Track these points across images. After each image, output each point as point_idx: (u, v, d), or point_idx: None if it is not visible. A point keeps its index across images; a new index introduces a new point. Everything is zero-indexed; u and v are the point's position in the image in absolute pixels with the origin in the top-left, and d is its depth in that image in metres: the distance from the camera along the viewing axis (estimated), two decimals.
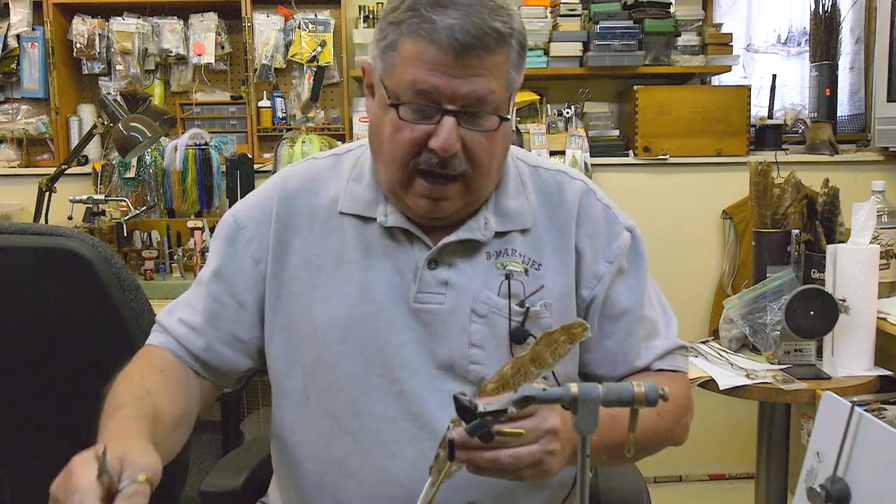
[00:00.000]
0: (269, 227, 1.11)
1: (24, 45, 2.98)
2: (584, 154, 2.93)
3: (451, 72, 0.94)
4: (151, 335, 1.14)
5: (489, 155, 1.01)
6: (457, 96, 0.95)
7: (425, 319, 1.06)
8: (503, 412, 0.79)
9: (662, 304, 1.19)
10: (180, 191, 2.82)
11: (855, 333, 1.86)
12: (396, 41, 0.96)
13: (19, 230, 1.39)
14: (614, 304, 1.12)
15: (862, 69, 3.13)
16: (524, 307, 1.07)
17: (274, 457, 1.20)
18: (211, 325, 1.10)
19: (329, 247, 1.10)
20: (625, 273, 1.13)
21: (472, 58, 0.93)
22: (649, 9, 2.93)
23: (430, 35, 0.93)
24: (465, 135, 0.97)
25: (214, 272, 1.12)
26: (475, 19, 0.93)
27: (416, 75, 0.95)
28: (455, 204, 1.03)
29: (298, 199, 1.12)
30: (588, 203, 1.13)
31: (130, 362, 1.08)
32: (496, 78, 0.96)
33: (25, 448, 1.51)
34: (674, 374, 1.16)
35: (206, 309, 1.11)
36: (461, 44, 0.92)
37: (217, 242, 1.15)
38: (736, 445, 3.06)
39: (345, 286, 1.07)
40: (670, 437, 1.11)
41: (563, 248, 1.10)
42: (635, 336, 1.13)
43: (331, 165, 1.16)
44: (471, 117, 0.97)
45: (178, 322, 1.11)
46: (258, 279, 1.11)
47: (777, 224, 2.08)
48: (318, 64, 3.01)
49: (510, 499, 1.07)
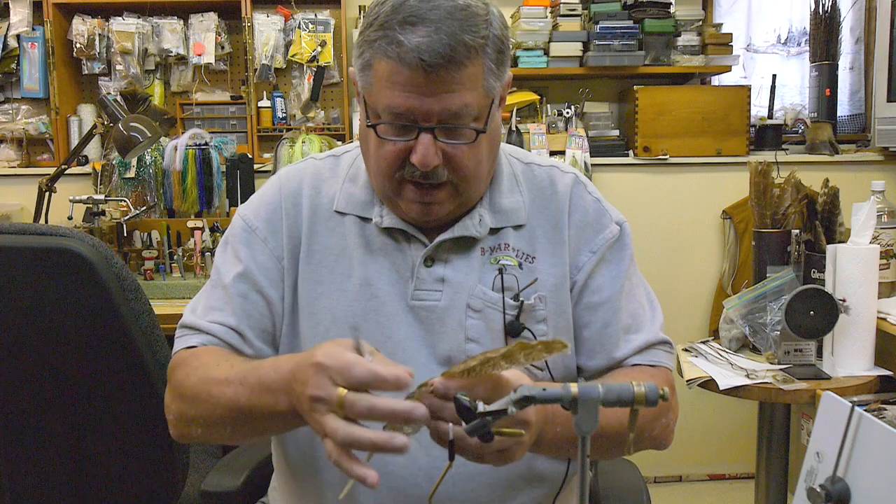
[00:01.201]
0: (281, 225, 1.12)
1: (24, 45, 2.98)
2: (584, 154, 2.93)
3: (423, 91, 0.95)
4: (183, 339, 1.10)
5: (473, 162, 1.02)
6: (431, 114, 0.96)
7: (423, 316, 1.07)
8: (503, 412, 0.79)
9: (651, 300, 1.18)
10: (180, 191, 2.82)
11: (855, 333, 1.86)
12: (371, 60, 0.98)
13: (19, 230, 1.39)
14: (593, 294, 1.12)
15: (862, 69, 3.13)
16: (518, 300, 1.08)
17: (275, 455, 1.20)
18: (243, 322, 1.09)
19: (331, 243, 1.11)
20: (606, 264, 1.13)
21: (443, 75, 0.94)
22: (649, 9, 2.93)
23: (398, 57, 0.94)
24: (445, 147, 0.99)
25: (237, 274, 1.11)
26: (443, 36, 0.93)
27: (390, 98, 0.96)
28: (446, 208, 1.05)
29: (302, 198, 1.14)
30: (578, 195, 1.15)
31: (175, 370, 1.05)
32: (471, 90, 0.97)
33: (25, 448, 1.51)
34: (653, 369, 1.13)
35: (236, 308, 1.10)
36: (429, 64, 0.93)
37: (232, 247, 1.14)
38: (736, 445, 3.06)
39: (347, 282, 1.09)
40: (648, 435, 1.07)
41: (556, 240, 1.11)
42: (613, 326, 1.12)
43: (330, 165, 1.17)
44: (448, 132, 0.99)
45: (212, 323, 1.10)
46: (280, 275, 1.12)
47: (777, 224, 2.08)
48: (318, 64, 3.01)
49: (508, 493, 1.08)
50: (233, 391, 0.93)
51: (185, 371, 1.03)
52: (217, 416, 0.96)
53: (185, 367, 1.04)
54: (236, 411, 0.93)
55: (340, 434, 0.78)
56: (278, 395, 0.87)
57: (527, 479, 1.09)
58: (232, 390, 0.93)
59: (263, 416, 0.91)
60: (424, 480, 1.04)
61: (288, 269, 1.12)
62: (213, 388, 0.96)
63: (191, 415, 1.00)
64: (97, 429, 1.50)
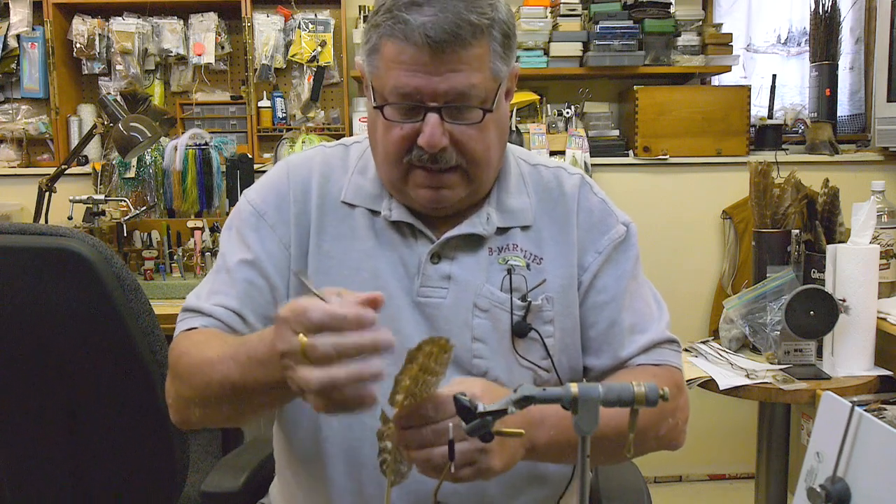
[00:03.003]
0: (289, 212, 1.11)
1: (24, 45, 2.97)
2: (584, 154, 2.93)
3: (429, 70, 0.95)
4: (185, 321, 1.08)
5: (482, 146, 1.02)
6: (437, 94, 0.96)
7: (428, 313, 1.07)
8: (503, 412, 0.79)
9: (657, 300, 1.18)
10: (180, 191, 2.82)
11: (855, 333, 1.86)
12: (378, 44, 0.98)
13: (19, 230, 1.39)
14: (598, 294, 1.12)
15: (862, 69, 3.13)
16: (526, 301, 1.08)
17: (278, 453, 1.20)
18: (247, 307, 1.08)
19: (340, 234, 1.10)
20: (611, 263, 1.13)
21: (449, 53, 0.95)
22: (649, 9, 2.93)
23: (404, 35, 0.95)
24: (453, 129, 0.99)
25: (243, 259, 1.10)
26: (449, 14, 0.94)
27: (397, 78, 0.97)
28: (457, 193, 1.04)
29: (312, 186, 1.13)
30: (585, 196, 1.15)
31: (173, 352, 1.04)
32: (477, 70, 0.97)
33: (25, 448, 1.51)
34: (658, 368, 1.12)
35: (239, 292, 1.08)
36: (435, 41, 0.93)
37: (240, 231, 1.12)
38: (736, 445, 3.05)
39: (355, 274, 1.08)
40: (653, 435, 1.06)
41: (564, 241, 1.12)
42: (618, 326, 1.12)
43: (340, 154, 1.17)
44: (455, 112, 0.98)
45: (215, 306, 1.08)
46: (287, 263, 1.11)
47: (777, 224, 2.08)
48: (318, 64, 3.01)
49: (512, 493, 1.08)
50: (225, 367, 0.91)
51: (181, 352, 1.01)
52: (213, 394, 0.94)
53: (181, 348, 1.02)
54: (230, 388, 0.91)
55: (314, 381, 0.73)
56: (268, 366, 0.84)
57: (530, 480, 1.09)
58: (224, 367, 0.91)
59: (257, 390, 0.88)
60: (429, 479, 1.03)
61: (295, 258, 1.10)
62: (206, 367, 0.94)
63: (187, 395, 0.99)
64: (97, 429, 1.50)
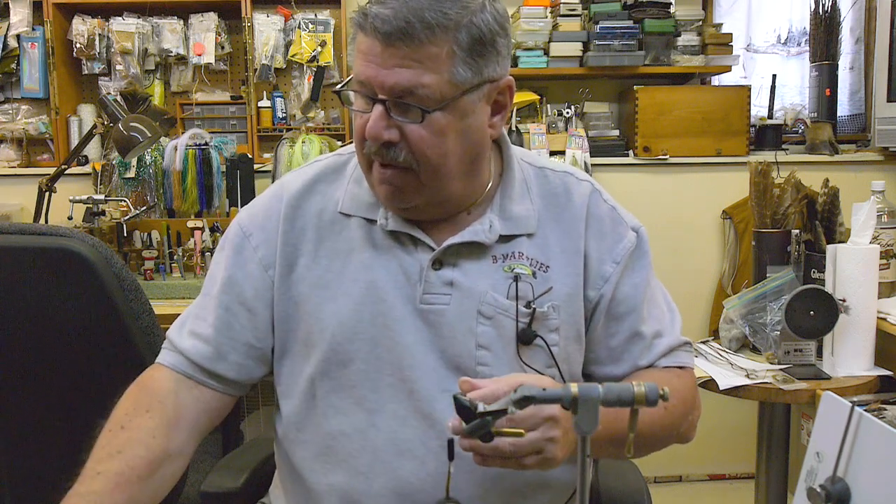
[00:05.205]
0: (277, 231, 1.12)
1: (24, 45, 2.97)
2: (584, 154, 2.93)
3: (379, 62, 0.96)
4: (161, 353, 1.14)
5: (436, 151, 0.99)
6: (384, 87, 0.97)
7: (432, 320, 1.06)
8: (503, 412, 0.79)
9: (668, 303, 1.20)
10: (180, 191, 2.82)
11: (855, 333, 1.86)
12: (354, 37, 1.00)
13: (19, 230, 1.39)
14: (619, 304, 1.12)
15: (862, 69, 3.13)
16: (530, 308, 1.07)
17: (278, 456, 1.20)
18: (222, 335, 1.10)
19: (336, 247, 1.10)
20: (629, 272, 1.14)
21: (399, 47, 0.94)
22: (649, 9, 2.93)
23: (361, 26, 0.97)
24: (403, 126, 0.98)
25: (224, 282, 1.12)
26: (405, 11, 0.94)
27: (357, 67, 0.99)
28: (412, 197, 1.03)
29: (305, 201, 1.13)
30: (595, 204, 1.14)
31: (125, 394, 1.09)
32: (432, 71, 0.95)
33: (25, 448, 1.51)
34: (679, 370, 1.16)
35: (216, 320, 1.11)
36: (383, 33, 0.94)
37: (225, 252, 1.15)
38: (736, 445, 3.05)
39: (353, 285, 1.08)
40: (677, 432, 1.12)
41: (570, 249, 1.11)
42: (640, 334, 1.13)
43: (335, 166, 1.17)
44: (402, 108, 0.98)
45: (189, 335, 1.11)
46: (267, 285, 1.11)
47: (777, 224, 2.08)
48: (318, 64, 3.01)
49: (516, 499, 1.08)
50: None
51: (112, 414, 1.07)
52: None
53: (119, 403, 1.08)
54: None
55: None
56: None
57: (535, 485, 1.08)
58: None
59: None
60: (432, 486, 1.03)
61: (280, 278, 1.10)
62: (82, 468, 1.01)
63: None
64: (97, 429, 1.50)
